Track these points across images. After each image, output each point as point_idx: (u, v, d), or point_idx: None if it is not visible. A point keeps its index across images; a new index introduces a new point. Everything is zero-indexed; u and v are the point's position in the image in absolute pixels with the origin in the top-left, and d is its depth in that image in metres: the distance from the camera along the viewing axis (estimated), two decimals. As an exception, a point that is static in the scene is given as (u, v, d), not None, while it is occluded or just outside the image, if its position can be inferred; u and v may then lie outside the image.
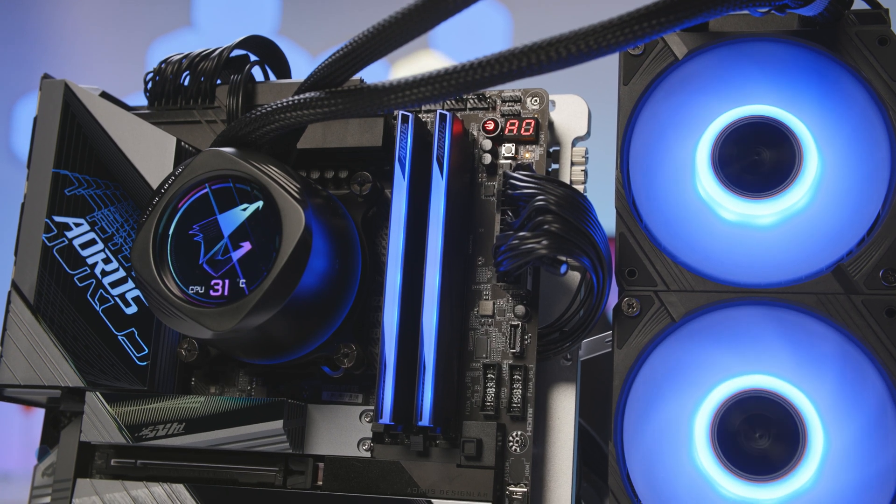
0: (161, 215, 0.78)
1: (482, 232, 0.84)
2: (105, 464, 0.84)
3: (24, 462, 0.88)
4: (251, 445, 0.80)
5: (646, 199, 0.81)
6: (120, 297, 0.84)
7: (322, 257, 0.77)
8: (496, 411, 0.79)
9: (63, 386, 0.84)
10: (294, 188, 0.76)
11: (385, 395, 0.77)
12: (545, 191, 0.75)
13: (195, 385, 0.87)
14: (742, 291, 0.78)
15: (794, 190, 0.78)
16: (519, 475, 0.78)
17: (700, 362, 0.78)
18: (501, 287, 0.82)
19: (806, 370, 0.76)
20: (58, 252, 0.85)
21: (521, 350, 0.80)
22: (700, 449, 0.76)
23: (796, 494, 0.74)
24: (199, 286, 0.76)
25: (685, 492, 0.76)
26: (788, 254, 0.77)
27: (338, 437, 0.82)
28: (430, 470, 0.79)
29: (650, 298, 0.79)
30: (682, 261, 0.79)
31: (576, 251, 0.74)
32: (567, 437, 0.81)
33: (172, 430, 0.81)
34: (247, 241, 0.76)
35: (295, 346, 0.80)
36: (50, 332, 0.84)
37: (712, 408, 0.76)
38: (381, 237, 0.85)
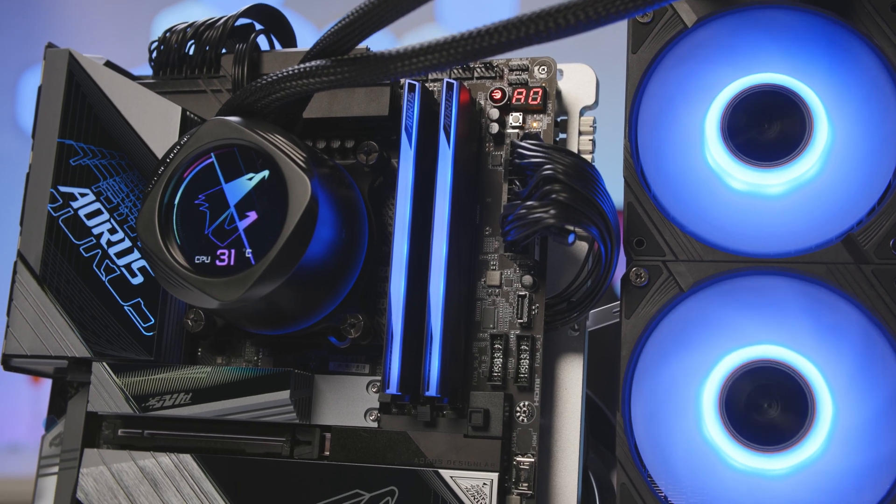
0: (166, 185, 0.78)
1: (489, 202, 0.83)
2: (112, 434, 0.85)
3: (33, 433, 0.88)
4: (258, 416, 0.80)
5: (654, 169, 0.80)
6: (126, 268, 0.84)
7: (328, 227, 0.76)
8: (503, 381, 0.79)
9: (70, 356, 0.83)
10: (300, 157, 0.76)
11: (392, 366, 0.77)
12: (553, 160, 0.74)
13: (202, 355, 0.87)
14: (751, 261, 0.77)
15: (803, 159, 0.77)
16: (526, 445, 0.78)
17: (708, 332, 0.77)
18: (509, 257, 0.81)
19: (814, 340, 0.75)
20: (63, 222, 0.85)
21: (529, 320, 0.80)
22: (708, 419, 0.76)
23: (804, 465, 0.74)
24: (205, 256, 0.76)
25: (693, 461, 0.76)
26: (798, 223, 0.77)
27: (345, 408, 0.82)
28: (438, 440, 0.78)
29: (658, 268, 0.78)
30: (690, 230, 0.78)
31: (584, 220, 0.74)
32: (574, 408, 0.81)
33: (179, 400, 0.81)
34: (253, 210, 0.76)
35: (301, 316, 0.80)
36: (56, 303, 0.84)
37: (720, 378, 0.76)
38: (387, 207, 0.85)
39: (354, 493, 0.78)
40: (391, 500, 0.77)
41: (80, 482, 0.83)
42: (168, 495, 0.81)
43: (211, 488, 0.80)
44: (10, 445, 2.87)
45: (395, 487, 0.78)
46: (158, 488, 0.81)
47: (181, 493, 0.81)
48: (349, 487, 0.78)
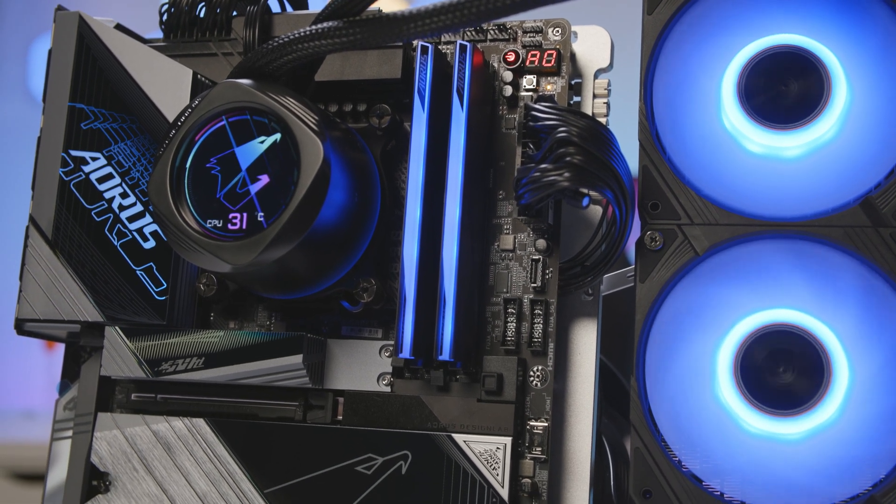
0: (178, 148, 0.77)
1: (503, 165, 0.82)
2: (125, 398, 0.85)
3: (47, 400, 0.88)
4: (271, 380, 0.80)
5: (670, 132, 0.80)
6: (138, 232, 0.84)
7: (341, 190, 0.76)
8: (517, 346, 0.79)
9: (82, 321, 0.83)
10: (312, 120, 0.75)
11: (405, 330, 0.77)
12: (567, 122, 0.74)
13: (214, 320, 0.87)
14: (767, 225, 0.76)
15: (821, 121, 0.76)
16: (540, 410, 0.78)
17: (724, 296, 0.77)
18: (522, 221, 0.81)
19: (831, 304, 0.75)
20: (75, 186, 0.85)
21: (543, 284, 0.79)
22: (723, 383, 0.76)
23: (820, 428, 0.74)
24: (217, 220, 0.76)
25: (708, 426, 0.76)
26: (815, 186, 0.76)
27: (357, 372, 0.82)
28: (451, 404, 0.78)
29: (673, 232, 0.78)
30: (706, 194, 0.78)
31: (598, 183, 0.73)
32: (588, 373, 0.81)
33: (192, 364, 0.81)
34: (265, 173, 0.75)
35: (314, 280, 0.79)
36: (68, 267, 0.84)
37: (736, 342, 0.76)
38: (400, 171, 0.84)
39: (367, 457, 0.78)
40: (404, 464, 0.77)
41: (94, 446, 0.83)
42: (181, 459, 0.81)
43: (224, 452, 0.81)
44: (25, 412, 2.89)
45: (409, 452, 0.77)
46: (172, 452, 0.81)
47: (194, 457, 0.81)
48: (362, 452, 0.78)
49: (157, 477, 0.81)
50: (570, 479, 0.79)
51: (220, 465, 0.80)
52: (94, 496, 0.82)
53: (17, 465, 2.42)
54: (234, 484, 0.80)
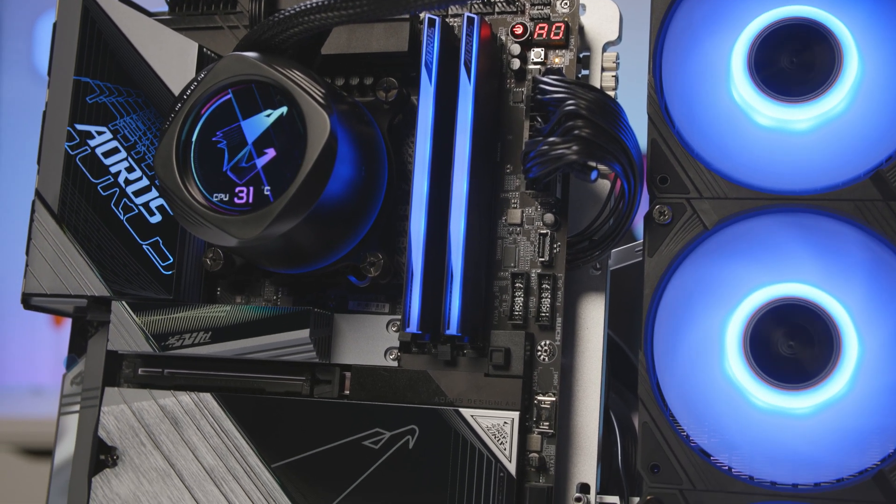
0: (184, 122, 0.77)
1: (510, 139, 0.82)
2: (132, 373, 0.85)
3: (55, 376, 0.88)
4: (278, 354, 0.80)
5: (679, 105, 0.79)
6: (144, 206, 0.84)
7: (347, 164, 0.75)
8: (524, 320, 0.79)
9: (89, 295, 0.83)
10: (319, 94, 0.74)
11: (412, 304, 0.77)
12: (576, 95, 0.73)
13: (221, 295, 0.87)
14: (777, 198, 0.76)
15: (832, 94, 0.75)
16: (547, 385, 0.78)
17: (733, 270, 0.76)
18: (530, 195, 0.80)
19: (841, 278, 0.74)
20: (81, 161, 0.85)
21: (550, 259, 0.79)
22: (732, 358, 0.75)
23: (829, 402, 0.73)
24: (224, 193, 0.75)
25: (716, 401, 0.75)
26: (825, 160, 0.75)
27: (364, 347, 0.82)
28: (458, 379, 0.78)
29: (682, 206, 0.77)
30: (715, 167, 0.77)
31: (607, 157, 0.73)
32: (596, 347, 0.80)
33: (199, 339, 0.81)
34: (271, 147, 0.75)
35: (321, 254, 0.79)
36: (75, 242, 0.84)
37: (745, 316, 0.75)
38: (407, 145, 0.84)
39: (375, 431, 0.78)
40: (411, 438, 0.77)
41: (102, 420, 0.83)
42: (189, 434, 0.81)
43: (231, 427, 0.80)
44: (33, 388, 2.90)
45: (416, 426, 0.77)
46: (179, 427, 0.81)
47: (202, 432, 0.81)
48: (369, 426, 0.78)
49: (165, 451, 0.81)
50: (577, 453, 0.79)
51: (228, 440, 0.80)
52: (102, 470, 0.82)
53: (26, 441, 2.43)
54: (242, 458, 0.80)
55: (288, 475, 0.79)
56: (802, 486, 0.73)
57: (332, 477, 0.78)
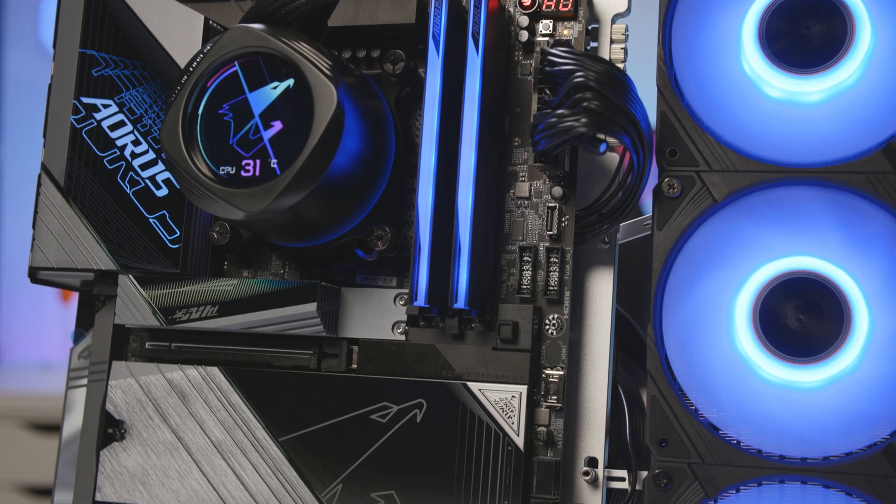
0: (190, 95, 0.76)
1: (518, 112, 0.81)
2: (140, 346, 0.84)
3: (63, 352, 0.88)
4: (285, 328, 0.80)
5: (688, 77, 0.78)
6: (150, 180, 0.83)
7: (354, 137, 0.75)
8: (532, 294, 0.78)
9: (96, 269, 0.83)
10: (325, 66, 0.74)
11: (420, 278, 0.76)
12: (585, 67, 0.73)
13: (228, 269, 0.86)
14: (787, 171, 0.75)
15: (844, 65, 0.75)
16: (555, 359, 0.78)
17: (742, 244, 0.76)
18: (538, 168, 0.80)
19: (852, 251, 0.74)
20: (87, 134, 0.84)
21: (558, 232, 0.79)
22: (741, 331, 0.75)
23: (839, 376, 0.73)
24: (230, 167, 0.75)
25: (724, 374, 0.75)
26: (837, 132, 0.75)
27: (372, 321, 0.81)
28: (466, 353, 0.78)
29: (692, 179, 0.77)
30: (725, 140, 0.77)
31: (616, 129, 0.72)
32: (604, 321, 0.80)
33: (206, 312, 0.81)
34: (278, 120, 0.75)
35: (328, 228, 0.79)
36: (81, 215, 0.84)
37: (754, 290, 0.75)
38: (414, 118, 0.83)
39: (382, 405, 0.78)
40: (419, 412, 0.77)
41: (109, 394, 0.83)
42: (196, 407, 0.81)
43: (238, 400, 0.80)
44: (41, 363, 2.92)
45: (423, 400, 0.77)
46: (186, 400, 0.81)
47: (209, 405, 0.81)
48: (377, 400, 0.78)
49: (172, 425, 0.81)
50: (585, 427, 0.79)
51: (235, 414, 0.80)
52: (110, 444, 0.82)
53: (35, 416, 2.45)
54: (249, 432, 0.80)
55: (295, 449, 0.79)
56: (811, 460, 0.73)
57: (340, 450, 0.78)
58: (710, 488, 0.74)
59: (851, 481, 0.72)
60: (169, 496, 0.81)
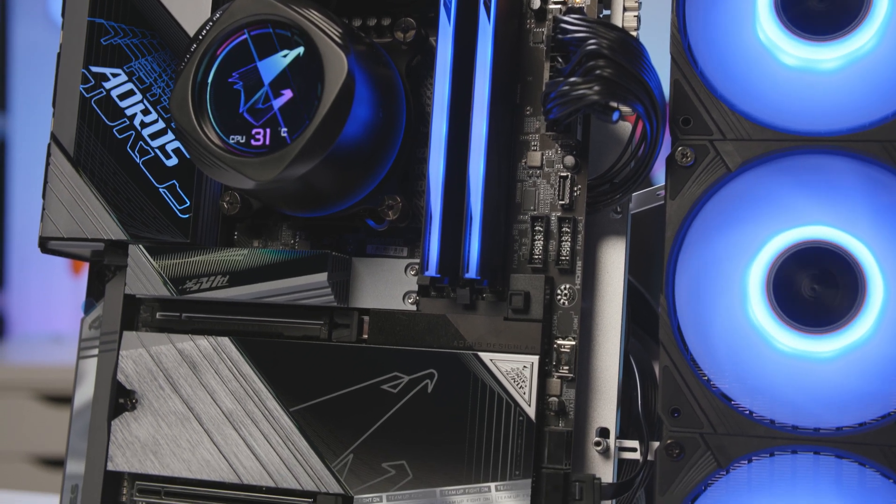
0: (199, 63, 0.76)
1: (530, 80, 0.81)
2: (150, 317, 0.84)
3: (75, 324, 0.88)
4: (296, 298, 0.79)
5: (702, 45, 0.77)
6: (160, 149, 0.83)
7: (365, 106, 0.74)
8: (544, 264, 0.78)
9: (106, 239, 0.83)
10: (336, 33, 0.73)
11: (431, 248, 0.76)
12: (597, 34, 0.72)
13: (238, 239, 0.86)
14: (802, 140, 0.74)
15: (860, 32, 0.73)
16: (567, 329, 0.77)
17: (756, 213, 0.75)
18: (550, 137, 0.79)
19: (867, 220, 0.73)
20: (96, 103, 0.84)
21: (570, 202, 0.78)
22: (754, 301, 0.75)
23: (853, 346, 0.72)
24: (240, 135, 0.75)
25: (737, 344, 0.75)
26: (852, 100, 0.74)
27: (383, 291, 0.81)
28: (477, 323, 0.78)
29: (705, 148, 0.76)
30: (739, 108, 0.76)
31: (629, 97, 0.71)
32: (616, 291, 0.80)
33: (216, 282, 0.80)
34: (288, 88, 0.74)
35: (338, 197, 0.78)
36: (91, 185, 0.83)
37: (768, 259, 0.74)
38: (425, 87, 0.82)
39: (393, 375, 0.78)
40: (430, 382, 0.77)
41: (120, 364, 0.83)
42: (207, 378, 0.81)
43: (249, 371, 0.80)
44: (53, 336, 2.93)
45: (434, 370, 0.77)
46: (197, 370, 0.81)
47: (220, 376, 0.81)
48: (388, 370, 0.78)
49: (183, 395, 0.81)
50: (597, 398, 0.79)
51: (246, 384, 0.80)
52: (121, 414, 0.82)
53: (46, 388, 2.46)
54: (260, 402, 0.80)
55: (306, 419, 0.79)
56: (824, 430, 0.73)
57: (351, 421, 0.78)
58: (723, 458, 0.74)
59: (865, 452, 0.71)
60: (180, 466, 0.81)
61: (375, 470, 0.77)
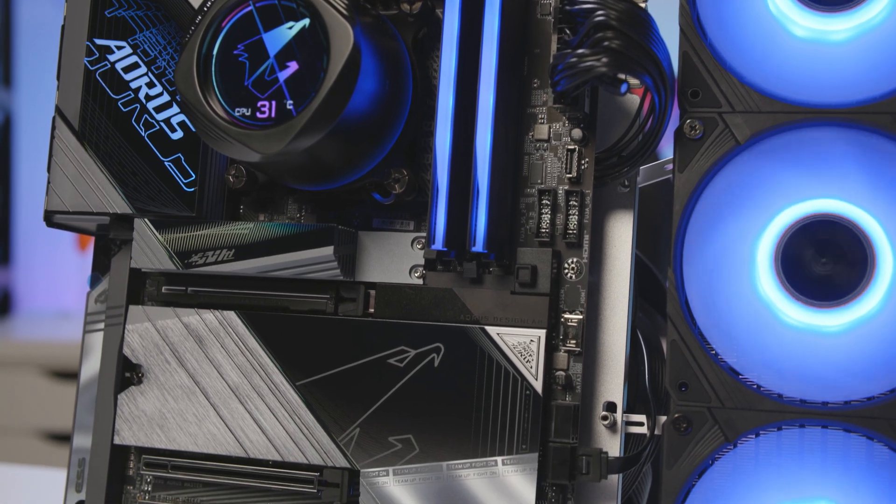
0: (204, 35, 0.75)
1: (538, 53, 0.80)
2: (156, 291, 0.84)
3: (81, 300, 0.88)
4: (302, 272, 0.79)
5: (711, 16, 0.77)
6: (165, 123, 0.83)
7: (371, 78, 0.74)
8: (551, 238, 0.77)
9: (111, 212, 0.83)
10: (342, 5, 0.73)
11: (437, 221, 0.75)
12: (606, 6, 0.71)
13: (244, 212, 0.86)
14: (812, 112, 0.74)
15: (871, 3, 0.73)
16: (574, 303, 0.77)
17: (765, 186, 0.75)
18: (558, 110, 0.79)
19: (877, 193, 0.72)
20: (101, 76, 0.83)
21: (578, 175, 0.77)
22: (762, 275, 0.74)
23: (862, 320, 0.72)
24: (246, 108, 0.74)
25: (745, 318, 0.74)
26: (863, 72, 0.73)
27: (389, 265, 0.81)
28: (484, 297, 0.77)
29: (714, 120, 0.75)
30: (748, 80, 0.75)
31: (637, 69, 0.71)
32: (624, 265, 0.79)
33: (222, 256, 0.80)
34: (293, 60, 0.73)
35: (344, 170, 0.78)
36: (96, 159, 0.83)
37: (777, 232, 0.74)
38: (432, 59, 0.82)
39: (400, 349, 0.77)
40: (437, 356, 0.77)
41: (126, 338, 0.83)
42: (213, 352, 0.81)
43: (255, 345, 0.80)
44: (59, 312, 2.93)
45: (441, 344, 0.77)
46: (203, 344, 0.81)
47: (226, 350, 0.81)
48: (394, 344, 0.78)
49: (189, 369, 0.81)
50: (604, 372, 0.78)
51: (252, 358, 0.80)
52: (128, 387, 0.82)
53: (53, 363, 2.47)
54: (266, 376, 0.80)
55: (313, 393, 0.79)
56: (832, 405, 0.72)
57: (357, 395, 0.78)
58: (730, 432, 0.73)
59: (873, 425, 0.71)
60: (186, 439, 0.81)
61: (382, 444, 0.77)
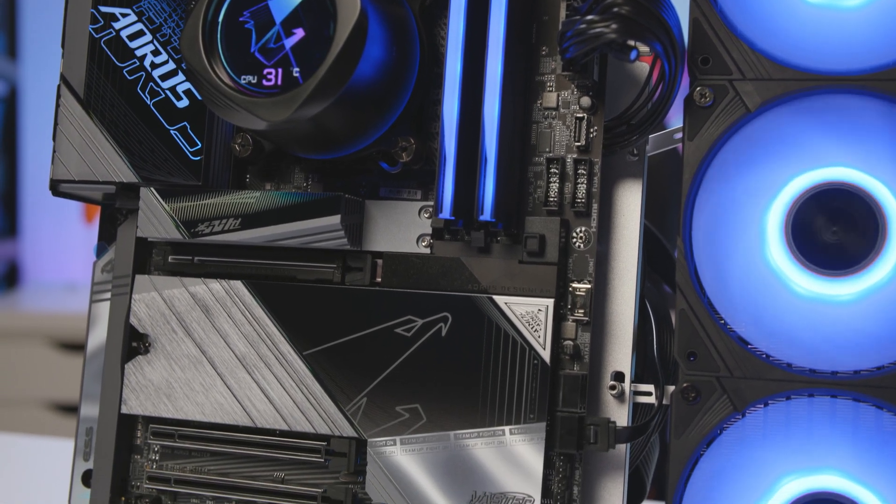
0: (210, 2, 0.74)
1: (546, 20, 0.79)
2: (163, 260, 0.84)
3: (88, 272, 0.88)
4: (308, 241, 0.79)
5: (722, -18, 0.76)
6: (171, 91, 0.82)
7: (378, 45, 0.73)
8: (560, 207, 0.77)
9: (117, 181, 0.82)
10: (348, -29, 0.72)
11: (445, 190, 0.75)
12: (615, -29, 0.70)
13: (250, 181, 0.85)
14: (824, 79, 0.73)
15: (884, -32, 0.72)
16: (582, 272, 0.77)
17: (775, 154, 0.74)
18: (566, 77, 0.78)
19: (888, 161, 0.72)
20: (105, 44, 0.83)
21: (587, 144, 0.77)
22: (773, 244, 0.74)
23: (873, 289, 0.72)
24: (252, 76, 0.73)
25: (755, 287, 0.74)
26: (876, 38, 0.72)
27: (396, 234, 0.80)
28: (492, 266, 0.77)
29: (724, 88, 0.75)
30: (759, 47, 0.74)
31: (647, 35, 0.70)
32: (632, 234, 0.79)
33: (228, 225, 0.80)
34: (300, 27, 0.73)
35: (351, 138, 0.77)
36: (102, 128, 0.82)
37: (787, 200, 0.73)
38: (439, 27, 0.81)
39: (407, 318, 0.77)
40: (444, 326, 0.77)
41: (133, 308, 0.83)
42: (220, 321, 0.81)
43: (262, 314, 0.80)
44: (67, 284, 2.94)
45: (448, 314, 0.76)
46: (210, 314, 0.81)
47: (233, 319, 0.81)
48: (402, 314, 0.77)
49: (196, 339, 0.81)
50: (612, 341, 0.78)
51: (259, 327, 0.80)
52: (135, 357, 0.82)
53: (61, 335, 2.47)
54: (273, 346, 0.80)
55: (320, 362, 0.78)
56: (842, 374, 0.72)
57: (364, 364, 0.78)
58: (739, 402, 0.73)
59: (882, 395, 0.71)
60: (194, 409, 0.81)
61: (389, 413, 0.77)
